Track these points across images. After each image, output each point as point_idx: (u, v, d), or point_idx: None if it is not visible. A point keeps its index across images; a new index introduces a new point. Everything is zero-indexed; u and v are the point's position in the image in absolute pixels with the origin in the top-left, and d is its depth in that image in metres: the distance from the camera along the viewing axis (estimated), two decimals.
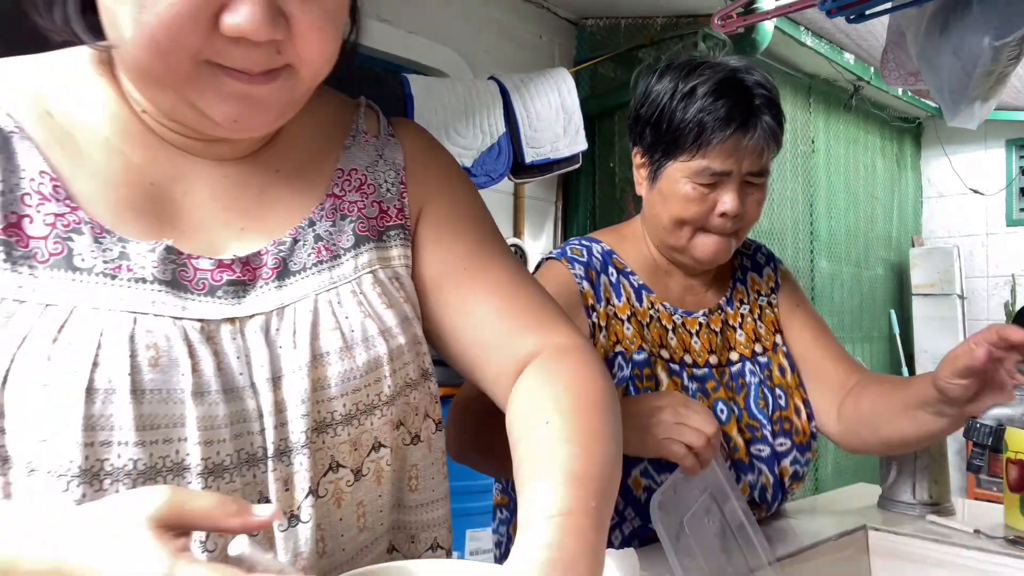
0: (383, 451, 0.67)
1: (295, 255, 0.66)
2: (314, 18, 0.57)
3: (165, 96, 0.59)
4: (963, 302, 4.53)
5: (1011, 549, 1.14)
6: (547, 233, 3.36)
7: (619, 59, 3.27)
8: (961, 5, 1.48)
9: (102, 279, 0.58)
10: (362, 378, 0.65)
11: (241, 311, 0.62)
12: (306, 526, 0.62)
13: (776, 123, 1.10)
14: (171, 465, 0.57)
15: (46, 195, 0.58)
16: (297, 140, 0.71)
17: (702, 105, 1.07)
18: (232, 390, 0.60)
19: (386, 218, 0.72)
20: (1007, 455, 1.26)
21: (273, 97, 0.59)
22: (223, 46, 0.55)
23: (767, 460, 1.16)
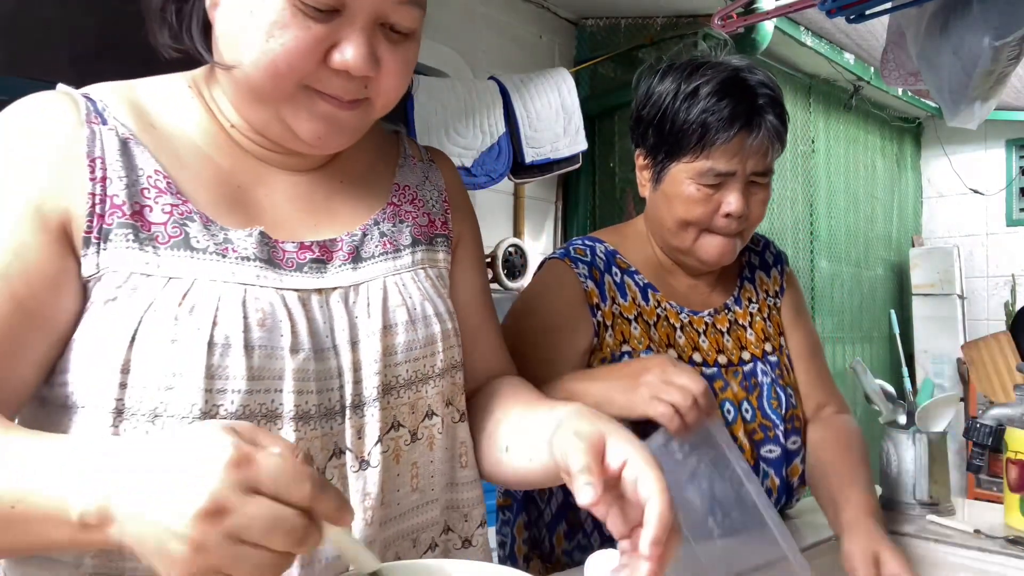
0: (435, 419, 0.78)
1: (365, 245, 0.78)
2: (397, 65, 0.72)
3: (263, 112, 0.71)
4: (963, 302, 4.53)
5: (1011, 549, 1.14)
6: (547, 233, 3.36)
7: (619, 59, 3.27)
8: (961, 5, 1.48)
9: (215, 257, 0.69)
10: (421, 349, 0.77)
11: (325, 283, 0.74)
12: (375, 470, 0.73)
13: (780, 123, 1.10)
14: (268, 412, 0.67)
15: (162, 189, 0.69)
16: (354, 159, 0.84)
17: (705, 105, 1.06)
18: (320, 350, 0.71)
19: (434, 227, 0.86)
20: (1007, 455, 1.26)
21: (352, 122, 0.72)
22: (326, 76, 0.68)
23: (775, 463, 1.15)
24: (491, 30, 3.10)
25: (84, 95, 0.72)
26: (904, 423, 1.38)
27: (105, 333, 0.65)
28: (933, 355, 4.49)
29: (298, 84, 0.68)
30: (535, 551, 1.20)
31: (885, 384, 1.43)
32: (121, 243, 0.66)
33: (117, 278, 0.66)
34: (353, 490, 0.71)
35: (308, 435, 0.69)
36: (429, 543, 0.79)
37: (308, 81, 0.68)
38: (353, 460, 0.72)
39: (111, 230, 0.67)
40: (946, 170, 4.89)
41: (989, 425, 1.29)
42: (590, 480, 0.60)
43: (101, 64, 0.79)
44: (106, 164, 0.68)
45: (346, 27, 0.67)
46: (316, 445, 0.70)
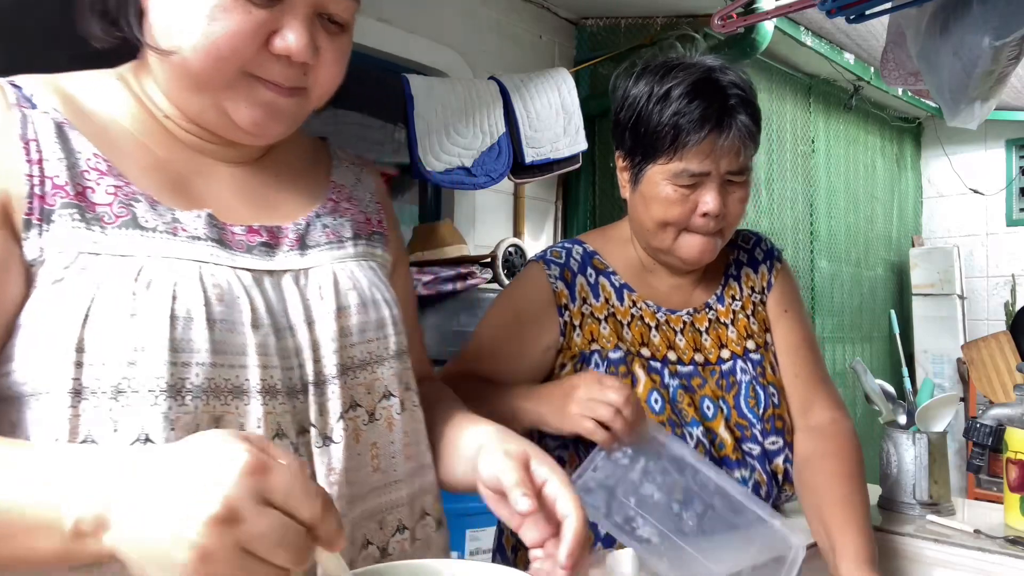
0: (392, 400, 0.79)
1: (310, 234, 0.79)
2: (334, 54, 0.73)
3: (201, 99, 0.71)
4: (963, 302, 4.53)
5: (1011, 549, 1.14)
6: (547, 233, 3.36)
7: (619, 59, 3.27)
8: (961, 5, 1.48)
9: (166, 236, 0.69)
10: (375, 331, 0.78)
11: (275, 265, 0.75)
12: (338, 446, 0.74)
13: (752, 122, 1.10)
14: (234, 387, 0.68)
15: (103, 171, 0.69)
16: (289, 156, 0.85)
17: (677, 107, 1.07)
18: (279, 328, 0.72)
19: (370, 225, 0.88)
20: (1007, 455, 1.26)
21: (290, 110, 0.73)
22: (266, 61, 0.69)
23: (758, 458, 1.16)
24: (491, 30, 3.10)
25: (9, 82, 0.71)
26: (904, 423, 1.38)
27: (55, 314, 0.63)
28: (933, 355, 4.49)
29: (239, 70, 0.69)
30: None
31: (885, 384, 1.43)
32: (66, 223, 0.65)
33: (64, 259, 0.65)
34: (318, 465, 0.72)
35: (276, 409, 0.70)
36: (396, 525, 0.79)
37: (249, 67, 0.69)
38: (317, 436, 0.73)
39: (54, 211, 0.65)
40: (946, 170, 4.89)
41: (989, 425, 1.29)
42: (525, 492, 0.67)
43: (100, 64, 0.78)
44: (41, 146, 0.67)
45: (287, 14, 0.69)
46: (286, 420, 0.71)
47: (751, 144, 1.12)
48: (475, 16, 3.05)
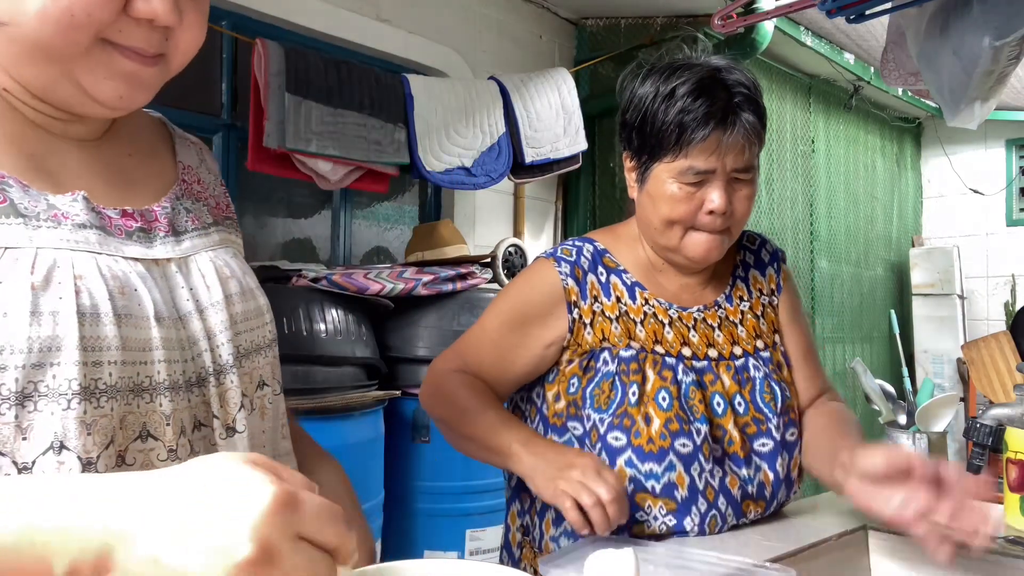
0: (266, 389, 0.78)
1: (178, 219, 0.75)
2: (196, 16, 0.68)
3: (49, 71, 0.63)
4: (963, 302, 4.53)
5: (1011, 549, 1.14)
6: (547, 233, 3.36)
7: (619, 59, 3.27)
8: (961, 5, 1.48)
9: (51, 223, 0.63)
10: (255, 319, 0.77)
11: (157, 255, 0.70)
12: (242, 436, 0.72)
13: (757, 119, 1.11)
14: (139, 385, 0.64)
15: None
16: (132, 132, 0.78)
17: (682, 106, 1.08)
18: (179, 318, 0.69)
19: (220, 210, 0.84)
20: (1007, 455, 1.26)
21: (152, 79, 0.67)
22: (125, 26, 0.63)
23: (768, 456, 1.16)
24: (491, 30, 3.11)
25: None
26: (904, 423, 1.38)
27: None
28: (933, 355, 4.49)
29: (94, 37, 0.62)
30: (527, 537, 1.22)
31: (885, 384, 1.43)
32: None
33: None
34: None
35: (180, 406, 0.67)
36: None
37: (106, 33, 0.62)
38: (221, 428, 0.70)
39: None
40: (946, 170, 4.90)
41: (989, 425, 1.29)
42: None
43: None
44: None
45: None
46: (186, 416, 0.67)
47: (756, 142, 1.13)
48: (475, 16, 3.05)
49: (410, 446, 2.29)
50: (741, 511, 1.15)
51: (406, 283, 2.26)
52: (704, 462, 1.10)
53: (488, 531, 2.30)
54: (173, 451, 0.65)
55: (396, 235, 3.05)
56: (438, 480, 2.26)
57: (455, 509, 2.27)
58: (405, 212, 3.10)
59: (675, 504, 1.10)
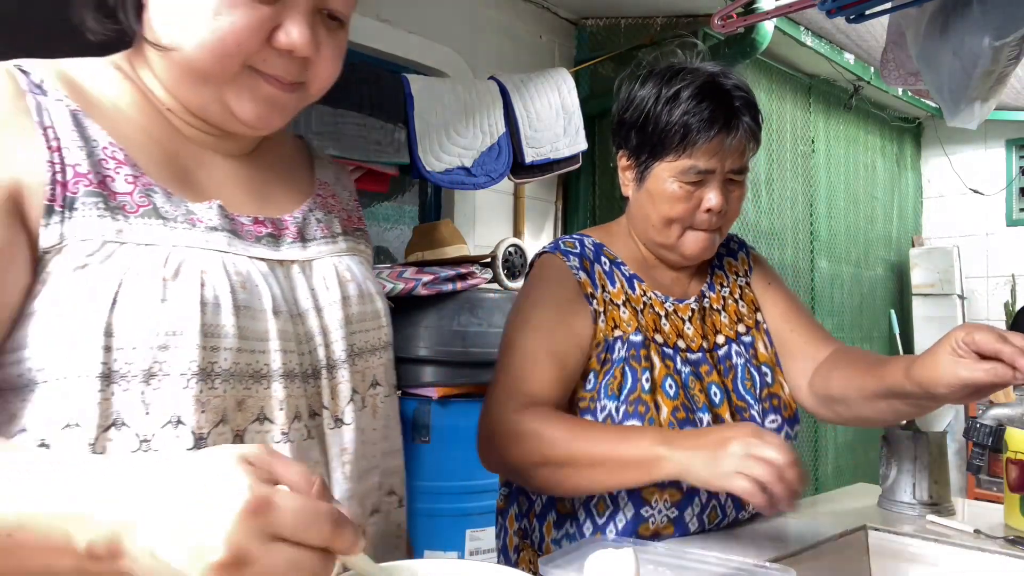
0: (379, 388, 0.83)
1: (307, 228, 0.82)
2: (332, 49, 0.75)
3: (204, 93, 0.72)
4: (963, 302, 4.53)
5: (1011, 549, 1.14)
6: (547, 233, 3.36)
7: (619, 59, 3.27)
8: (961, 5, 1.48)
9: (186, 226, 0.71)
10: (371, 321, 0.83)
11: (283, 256, 0.78)
12: (349, 427, 0.77)
13: (755, 123, 1.17)
14: (255, 371, 0.70)
15: (120, 160, 0.70)
16: (277, 149, 0.88)
17: (686, 108, 1.13)
18: (294, 314, 0.75)
19: (352, 222, 0.91)
20: (1007, 455, 1.26)
21: (290, 104, 0.75)
22: (269, 56, 0.71)
23: None
24: (491, 30, 3.10)
25: (16, 67, 0.70)
26: (904, 423, 1.38)
27: (78, 300, 0.64)
28: None
29: (242, 64, 0.70)
30: (525, 540, 1.22)
31: None
32: (91, 212, 0.66)
33: (87, 246, 0.65)
34: (331, 445, 0.76)
35: (295, 393, 0.73)
36: (372, 508, 0.82)
37: (252, 61, 0.70)
38: (329, 418, 0.76)
39: (76, 199, 0.66)
40: (946, 170, 4.89)
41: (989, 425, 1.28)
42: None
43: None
44: (58, 133, 0.67)
45: (290, 9, 0.70)
46: (302, 404, 0.74)
47: (754, 144, 1.19)
48: (475, 16, 3.05)
49: (410, 446, 2.29)
50: (741, 504, 1.16)
51: (406, 283, 2.26)
52: None
53: (488, 531, 2.30)
54: (286, 434, 0.72)
55: (396, 235, 3.05)
56: (438, 480, 2.26)
57: (455, 509, 2.27)
58: (405, 212, 3.10)
59: (680, 495, 1.11)
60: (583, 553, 0.74)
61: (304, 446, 0.73)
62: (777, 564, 0.88)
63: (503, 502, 1.28)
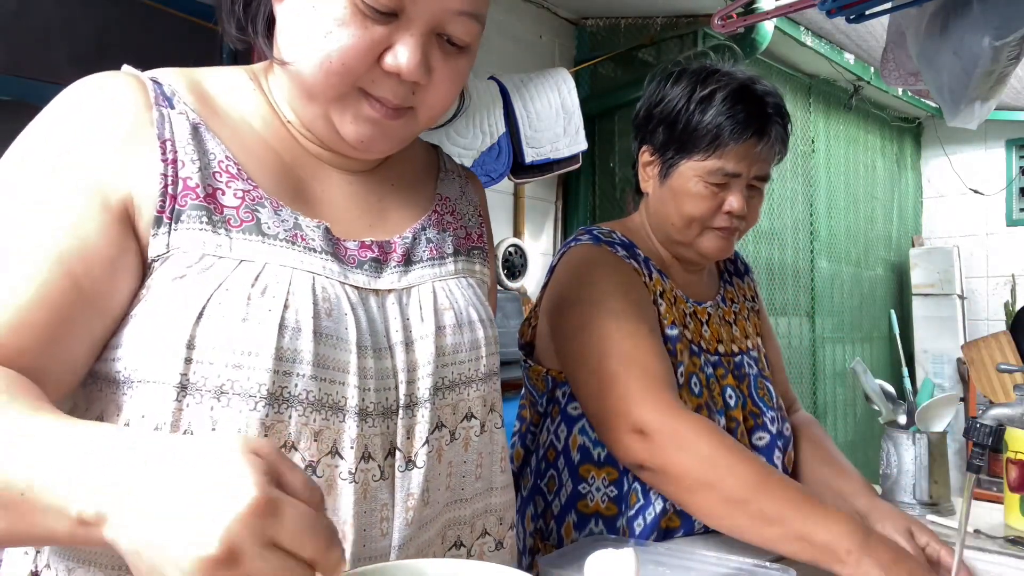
0: (474, 421, 0.79)
1: (415, 249, 0.80)
2: (447, 75, 0.72)
3: (312, 109, 0.72)
4: (963, 302, 4.53)
5: (1011, 549, 1.14)
6: (547, 233, 3.36)
7: (619, 59, 3.27)
8: (961, 5, 1.48)
9: (285, 244, 0.70)
10: (468, 352, 0.79)
11: (381, 284, 0.75)
12: (419, 471, 0.73)
13: (785, 132, 1.19)
14: (332, 403, 0.68)
15: (233, 175, 0.71)
16: (402, 166, 0.86)
17: (721, 109, 1.14)
18: (378, 349, 0.72)
19: (470, 240, 0.88)
20: (1007, 455, 1.26)
21: (395, 131, 0.73)
22: (377, 77, 0.69)
23: (765, 449, 1.19)
24: (491, 30, 3.09)
25: (151, 78, 0.72)
26: (904, 423, 1.38)
27: (171, 309, 0.64)
28: (933, 355, 4.49)
29: (351, 84, 0.69)
30: (543, 542, 1.21)
31: (885, 384, 1.43)
32: (195, 224, 0.67)
33: (188, 258, 0.66)
34: (399, 488, 0.72)
35: (367, 432, 0.70)
36: (455, 540, 0.79)
37: (361, 82, 0.69)
38: (401, 459, 0.72)
39: (183, 211, 0.67)
40: (946, 170, 4.89)
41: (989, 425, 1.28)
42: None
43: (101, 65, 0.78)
44: (176, 147, 0.69)
45: (403, 31, 0.68)
46: (375, 442, 0.70)
47: (781, 153, 1.21)
48: None
49: None
50: None
51: None
52: None
53: None
54: (352, 474, 0.68)
55: None
56: None
57: None
58: None
59: None
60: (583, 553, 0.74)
61: (373, 488, 0.70)
62: (777, 564, 0.88)
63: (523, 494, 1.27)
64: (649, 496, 1.12)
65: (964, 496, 0.94)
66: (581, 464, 1.15)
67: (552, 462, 1.19)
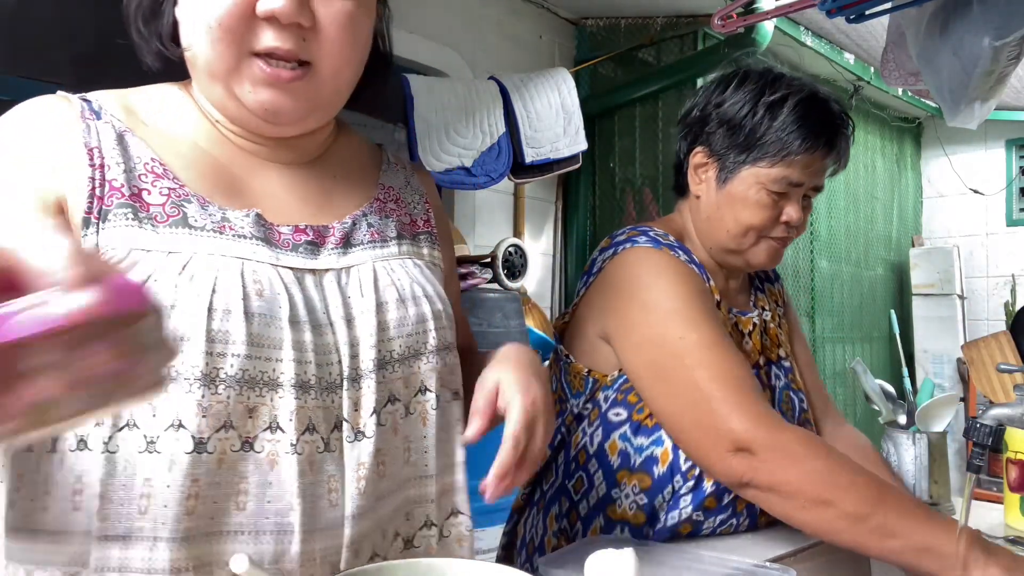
0: (428, 395, 0.80)
1: (354, 233, 0.81)
2: (334, 18, 0.72)
3: (216, 88, 0.73)
4: (963, 302, 4.52)
5: (1011, 549, 1.14)
6: (547, 233, 3.36)
7: (619, 59, 3.27)
8: (961, 5, 1.48)
9: (213, 234, 0.72)
10: (413, 326, 0.79)
11: (318, 265, 0.77)
12: (369, 441, 0.74)
13: (847, 144, 1.18)
14: (268, 379, 0.70)
15: (159, 174, 0.73)
16: (345, 158, 0.87)
17: (793, 116, 1.11)
18: (317, 324, 0.74)
19: (416, 227, 0.89)
20: (1007, 455, 1.26)
21: (299, 92, 0.73)
22: (258, 29, 0.69)
23: None
24: (491, 30, 3.10)
25: (80, 97, 0.76)
26: (904, 423, 1.38)
27: None
28: (933, 355, 4.49)
29: (238, 49, 0.70)
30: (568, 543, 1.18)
31: (885, 384, 1.43)
32: (120, 222, 0.69)
33: (116, 254, 0.68)
34: (348, 459, 0.74)
35: (309, 403, 0.72)
36: (423, 520, 0.80)
37: (246, 44, 0.70)
38: (349, 431, 0.74)
39: (110, 211, 0.70)
40: (946, 170, 4.89)
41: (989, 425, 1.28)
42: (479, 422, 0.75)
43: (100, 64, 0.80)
44: (103, 152, 0.72)
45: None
46: (318, 415, 0.72)
47: (843, 165, 1.20)
48: (475, 16, 3.05)
49: None
50: (756, 523, 1.15)
51: None
52: None
53: (488, 531, 2.30)
54: (294, 445, 0.70)
55: None
56: None
57: None
58: None
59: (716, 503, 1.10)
60: (583, 553, 0.74)
61: (318, 459, 0.72)
62: (777, 564, 0.88)
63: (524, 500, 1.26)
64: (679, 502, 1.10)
65: (964, 496, 0.94)
66: (619, 470, 1.12)
67: (583, 464, 1.16)
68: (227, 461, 0.68)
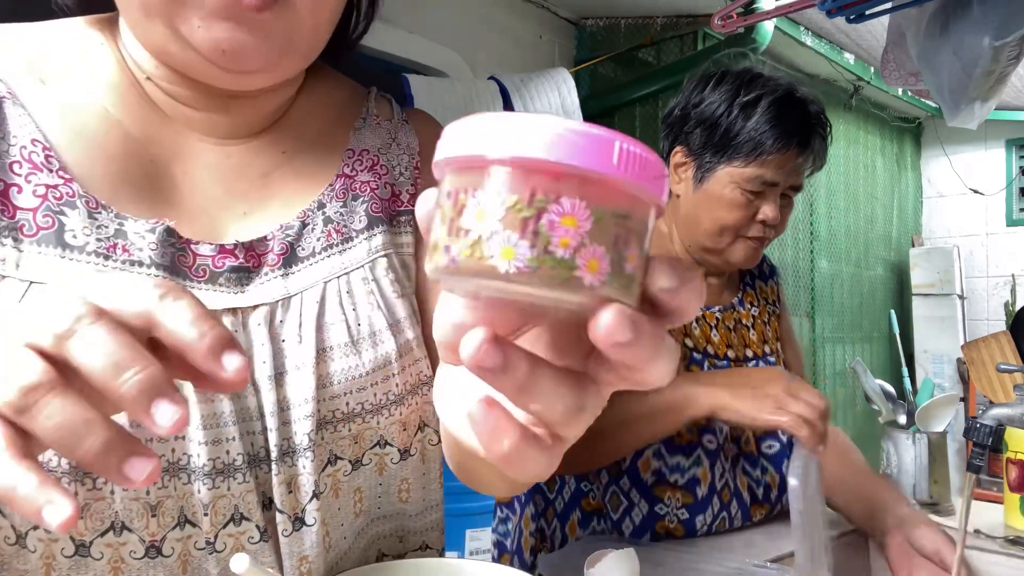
0: (389, 448, 0.64)
1: (303, 240, 0.62)
2: None
3: (155, 28, 0.53)
4: (963, 302, 4.52)
5: (1011, 549, 1.14)
6: None
7: (619, 59, 3.27)
8: (961, 5, 1.48)
9: (94, 259, 0.54)
10: (368, 376, 0.61)
11: (244, 301, 0.58)
12: (311, 529, 0.59)
13: (824, 144, 1.18)
14: (172, 465, 0.54)
15: (37, 164, 0.54)
16: (305, 121, 0.67)
17: (767, 116, 1.11)
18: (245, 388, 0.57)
19: (398, 202, 0.68)
20: (1007, 455, 1.26)
21: (267, 27, 0.52)
22: None
23: (775, 458, 1.18)
24: (491, 30, 3.10)
25: None
26: (904, 423, 1.38)
27: None
28: (933, 355, 4.49)
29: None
30: (545, 543, 1.20)
31: (885, 384, 1.43)
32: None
33: None
34: (287, 552, 0.59)
35: (235, 490, 0.56)
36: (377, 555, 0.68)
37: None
38: (286, 521, 0.58)
39: None
40: (946, 170, 4.89)
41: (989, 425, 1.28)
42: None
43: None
44: None
45: None
46: (248, 499, 0.57)
47: (819, 165, 1.19)
48: (475, 16, 3.05)
49: None
50: (749, 515, 1.16)
51: None
52: (723, 460, 1.12)
53: (488, 531, 2.30)
54: (211, 543, 0.56)
55: None
56: None
57: (455, 509, 2.27)
58: None
59: (693, 499, 1.11)
60: (583, 553, 0.74)
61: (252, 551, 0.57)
62: (777, 564, 0.88)
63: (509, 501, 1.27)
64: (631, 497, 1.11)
65: (964, 496, 0.94)
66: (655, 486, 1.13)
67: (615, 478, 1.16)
68: (125, 570, 0.54)
